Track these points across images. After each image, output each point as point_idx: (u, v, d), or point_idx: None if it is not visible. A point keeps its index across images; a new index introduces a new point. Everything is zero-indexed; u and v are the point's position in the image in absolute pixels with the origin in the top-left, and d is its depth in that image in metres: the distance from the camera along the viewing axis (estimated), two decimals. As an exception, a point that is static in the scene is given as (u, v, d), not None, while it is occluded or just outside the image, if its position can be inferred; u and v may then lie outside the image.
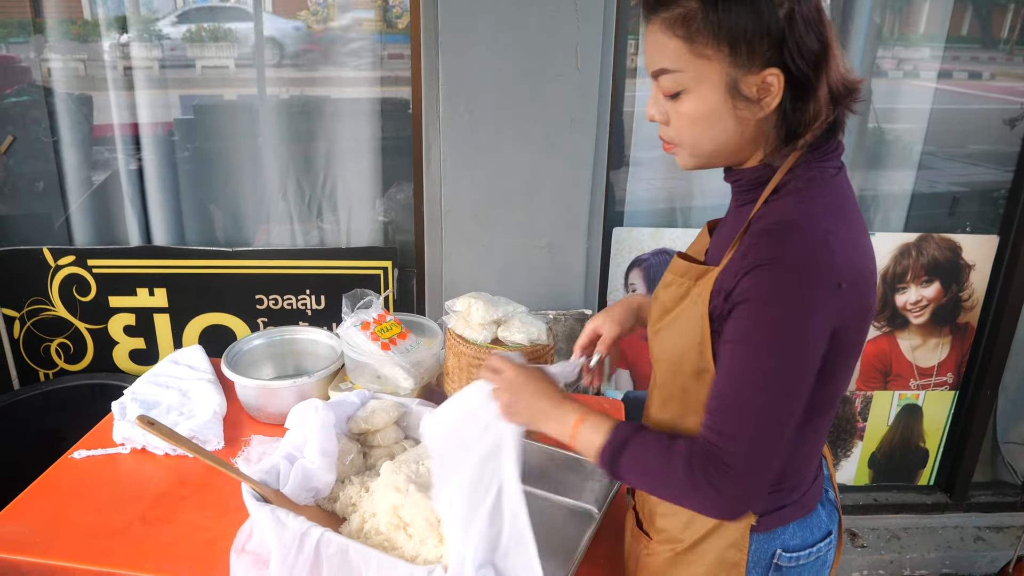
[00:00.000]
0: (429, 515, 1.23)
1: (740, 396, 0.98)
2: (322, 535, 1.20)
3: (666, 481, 1.04)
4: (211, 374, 1.85)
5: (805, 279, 0.95)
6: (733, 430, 0.98)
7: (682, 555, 1.20)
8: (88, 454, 1.61)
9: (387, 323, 1.72)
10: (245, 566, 1.28)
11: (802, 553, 1.17)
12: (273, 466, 1.37)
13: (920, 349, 2.70)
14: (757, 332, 0.96)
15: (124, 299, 2.29)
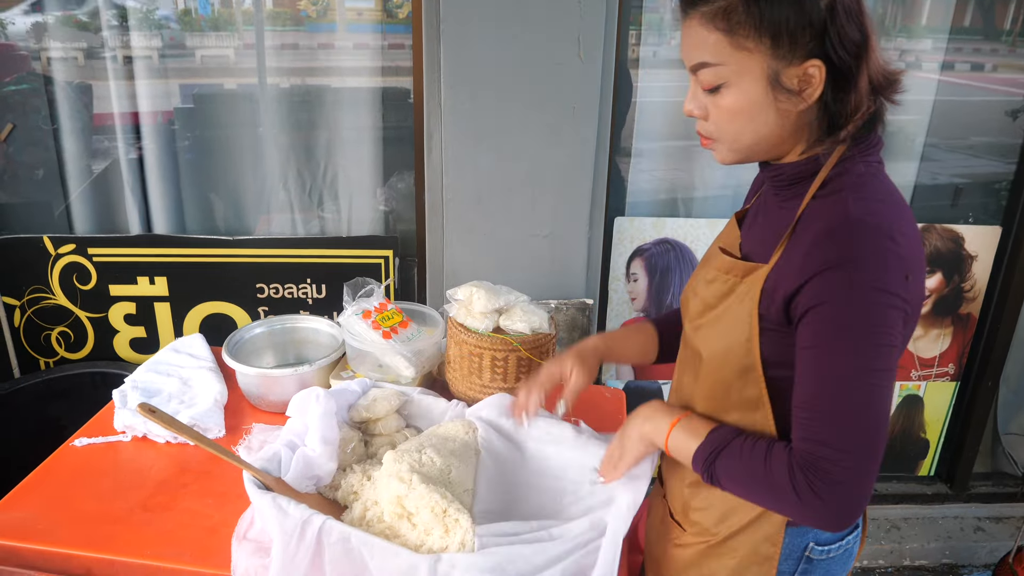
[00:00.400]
0: (435, 506, 1.23)
1: (834, 403, 0.96)
2: (324, 523, 1.20)
3: (768, 490, 1.02)
4: (212, 362, 1.85)
5: (879, 276, 0.93)
6: (833, 439, 0.96)
7: (715, 548, 1.20)
8: (89, 442, 1.61)
9: (388, 312, 1.71)
10: (246, 553, 1.28)
11: (833, 546, 1.18)
12: (274, 454, 1.37)
13: (922, 340, 2.70)
14: (840, 335, 0.95)
15: (125, 288, 2.29)
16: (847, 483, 0.95)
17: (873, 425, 0.96)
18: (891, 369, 0.97)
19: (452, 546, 1.20)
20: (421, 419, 1.61)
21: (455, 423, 1.51)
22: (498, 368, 1.58)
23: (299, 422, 1.44)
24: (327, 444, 1.38)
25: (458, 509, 1.22)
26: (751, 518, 1.16)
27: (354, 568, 1.19)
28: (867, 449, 0.96)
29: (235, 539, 1.30)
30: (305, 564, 1.22)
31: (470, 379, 1.61)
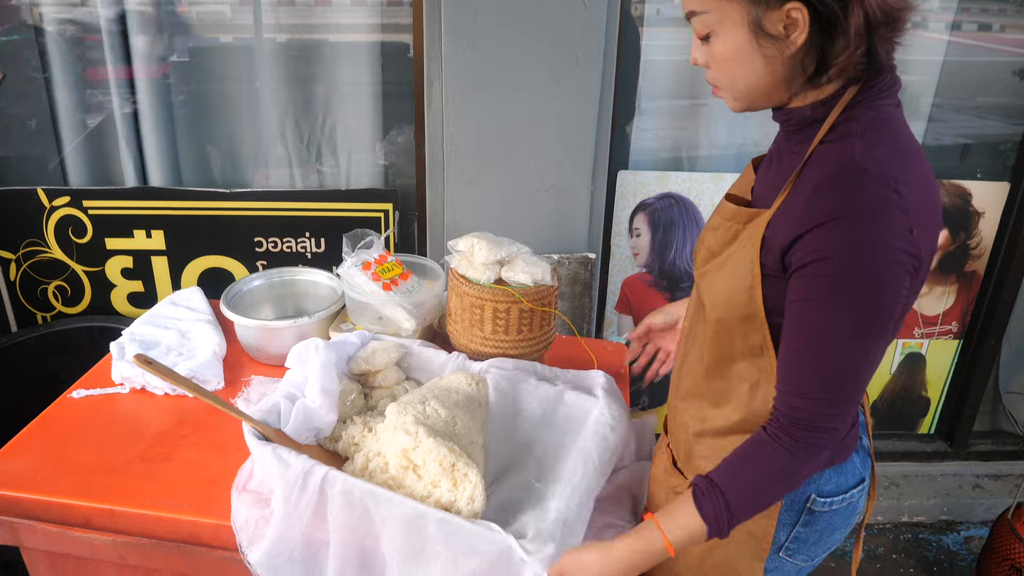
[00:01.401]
0: (443, 459, 1.21)
1: (823, 363, 0.96)
2: (326, 473, 1.19)
3: (780, 478, 1.03)
4: (210, 315, 1.83)
5: (881, 230, 0.91)
6: (815, 393, 0.97)
7: None
8: (87, 393, 1.59)
9: (388, 264, 1.68)
10: (246, 504, 1.27)
11: (835, 499, 1.17)
12: (274, 405, 1.35)
13: (926, 297, 2.68)
14: (837, 289, 0.93)
15: (121, 241, 2.26)
16: (839, 431, 1.00)
17: (860, 386, 0.99)
18: (886, 331, 0.96)
19: (461, 501, 1.18)
20: (421, 371, 1.59)
21: (458, 375, 1.49)
22: (500, 320, 1.56)
23: (298, 373, 1.42)
24: (327, 395, 1.36)
25: (467, 464, 1.21)
26: None
27: (358, 519, 1.18)
28: (850, 403, 0.99)
29: (235, 490, 1.29)
30: (307, 515, 1.21)
31: (471, 331, 1.59)
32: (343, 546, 1.20)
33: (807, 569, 1.26)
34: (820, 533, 1.20)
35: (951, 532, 2.76)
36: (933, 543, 2.70)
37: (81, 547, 1.34)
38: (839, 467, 1.17)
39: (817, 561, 1.26)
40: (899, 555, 2.63)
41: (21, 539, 1.37)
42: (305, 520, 1.21)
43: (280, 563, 1.22)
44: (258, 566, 1.22)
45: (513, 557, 1.12)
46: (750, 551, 1.19)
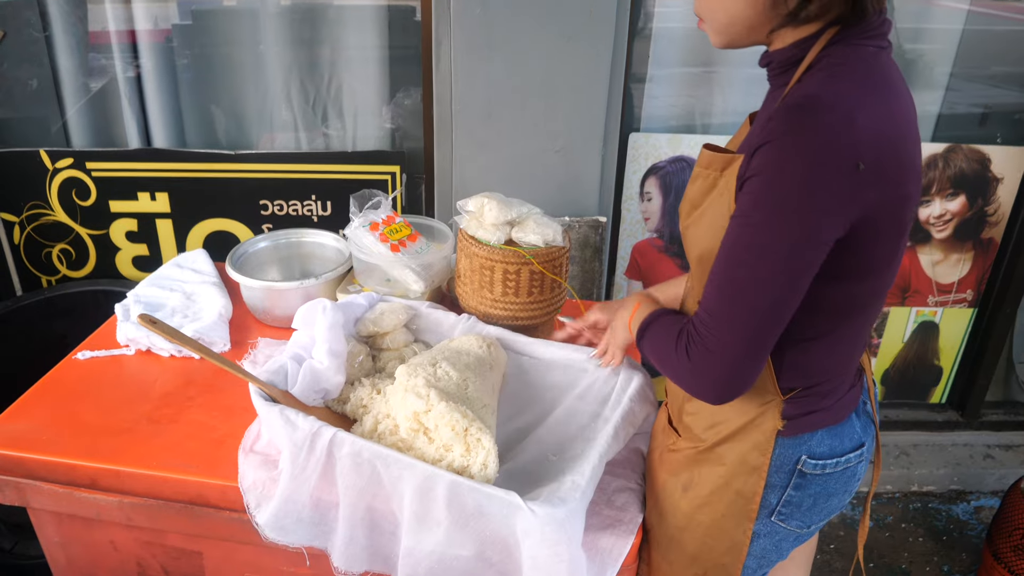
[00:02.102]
0: (455, 424, 1.18)
1: (729, 273, 0.96)
2: (335, 435, 1.17)
3: (665, 359, 1.07)
4: (216, 277, 1.81)
5: (817, 156, 0.89)
6: (717, 307, 0.97)
7: (704, 454, 1.18)
8: (92, 355, 1.58)
9: (396, 225, 1.65)
10: (254, 466, 1.25)
11: (829, 462, 1.14)
12: (281, 367, 1.33)
13: (941, 265, 2.64)
14: (758, 208, 0.92)
15: (125, 204, 2.23)
16: (717, 354, 0.97)
17: (762, 303, 0.94)
18: (801, 255, 0.92)
19: (474, 466, 1.16)
20: (430, 333, 1.57)
21: (468, 337, 1.47)
22: (510, 282, 1.53)
23: (304, 334, 1.40)
24: (335, 357, 1.34)
25: (480, 429, 1.18)
26: (739, 425, 1.13)
27: (367, 480, 1.17)
28: (744, 325, 0.95)
29: (241, 452, 1.27)
30: (315, 476, 1.19)
31: (481, 293, 1.56)
32: (352, 508, 1.18)
33: (804, 536, 1.23)
34: (814, 498, 1.16)
35: (961, 502, 2.75)
36: (943, 512, 2.69)
37: (87, 508, 1.33)
38: (833, 429, 1.14)
39: (814, 529, 1.22)
40: (908, 524, 2.62)
41: (28, 500, 1.36)
42: (313, 482, 1.19)
43: (288, 524, 1.21)
44: (266, 527, 1.21)
45: (521, 516, 1.09)
46: (739, 511, 1.16)
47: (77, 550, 1.44)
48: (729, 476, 1.15)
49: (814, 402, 1.11)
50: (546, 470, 1.29)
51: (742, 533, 1.17)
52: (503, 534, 1.12)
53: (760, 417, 1.11)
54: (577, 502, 1.12)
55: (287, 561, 1.32)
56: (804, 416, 1.11)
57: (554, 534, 1.08)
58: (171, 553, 1.39)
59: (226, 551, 1.36)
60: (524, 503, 1.08)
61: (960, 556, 2.48)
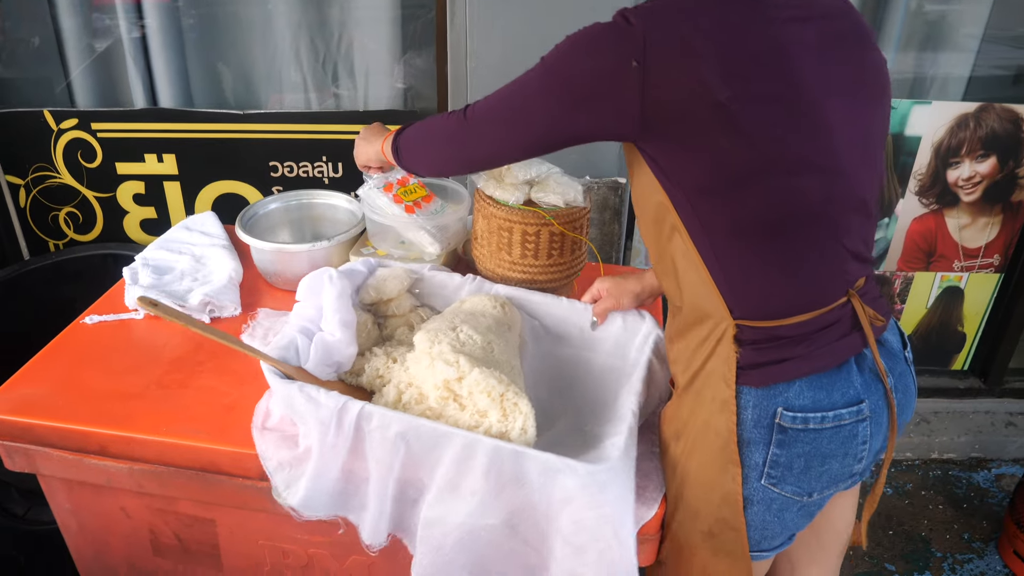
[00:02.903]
0: (491, 390, 1.15)
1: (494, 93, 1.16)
2: (362, 409, 1.13)
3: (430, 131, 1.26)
4: (225, 240, 1.76)
5: (577, 38, 1.03)
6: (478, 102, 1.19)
7: (683, 397, 1.16)
8: (100, 319, 1.54)
9: (411, 186, 1.60)
10: (273, 445, 1.20)
11: (812, 415, 1.06)
12: (290, 341, 1.27)
13: (968, 229, 2.56)
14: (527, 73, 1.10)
15: (132, 166, 2.18)
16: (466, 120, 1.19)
17: (448, 130, 1.22)
18: (542, 97, 1.07)
19: (513, 431, 1.13)
20: (435, 297, 1.51)
21: (480, 298, 1.42)
22: (529, 244, 1.48)
23: (310, 306, 1.34)
24: (346, 328, 1.29)
25: (516, 393, 1.15)
26: (704, 356, 1.10)
27: (398, 452, 1.12)
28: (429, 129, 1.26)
29: (255, 431, 1.23)
30: (344, 452, 1.15)
31: (499, 255, 1.51)
32: (382, 482, 1.14)
33: (811, 507, 1.15)
34: (806, 459, 1.08)
35: (982, 469, 2.70)
36: (963, 480, 2.65)
37: (98, 475, 1.30)
38: (816, 380, 1.06)
39: (817, 497, 1.13)
40: (928, 492, 2.58)
41: (37, 466, 1.33)
42: (343, 457, 1.15)
43: (321, 500, 1.18)
44: (300, 508, 1.17)
45: (563, 481, 1.06)
46: (719, 453, 1.10)
47: (88, 517, 1.42)
48: (706, 415, 1.11)
49: (785, 348, 1.06)
50: (582, 440, 1.26)
51: (731, 481, 1.10)
52: (536, 502, 1.09)
53: (719, 345, 1.08)
54: (620, 460, 1.08)
55: (302, 529, 1.29)
56: (775, 364, 1.06)
57: (599, 495, 1.05)
58: (184, 520, 1.37)
59: (240, 519, 1.34)
60: (570, 462, 1.05)
61: (980, 524, 2.44)
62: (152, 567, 1.46)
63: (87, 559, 1.49)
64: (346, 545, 1.28)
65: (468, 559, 1.15)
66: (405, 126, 1.32)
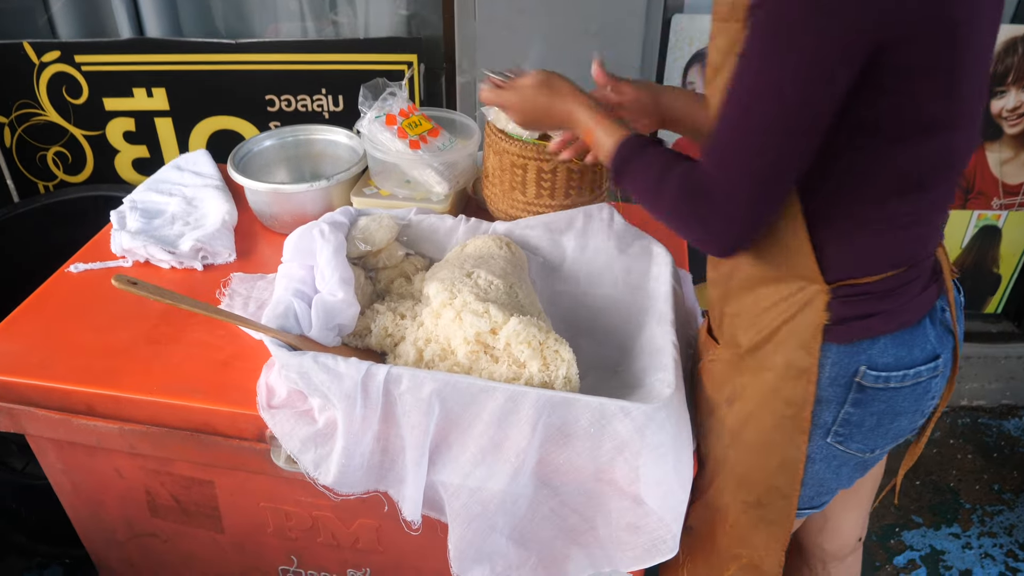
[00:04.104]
0: (531, 339, 1.06)
1: (732, 113, 0.87)
2: (388, 372, 1.03)
3: (658, 197, 0.96)
4: (219, 180, 1.64)
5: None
6: (718, 151, 0.89)
7: (746, 360, 1.04)
8: (86, 268, 1.44)
9: (415, 118, 1.46)
10: (290, 423, 1.10)
11: (895, 374, 0.97)
12: (287, 308, 1.15)
13: (1010, 164, 2.40)
14: (762, 41, 0.82)
15: (120, 101, 2.04)
16: (718, 201, 0.89)
17: (767, 144, 0.85)
18: (811, 91, 0.82)
19: (557, 382, 1.05)
20: (425, 243, 1.39)
21: (482, 240, 1.30)
22: (544, 182, 1.35)
23: (298, 266, 1.23)
24: (347, 286, 1.17)
25: (557, 339, 1.07)
26: (781, 321, 0.98)
27: (433, 414, 1.03)
28: (746, 169, 0.87)
29: (263, 411, 1.12)
30: (375, 424, 1.06)
31: (512, 195, 1.39)
32: (419, 449, 1.05)
33: (869, 462, 1.08)
34: (878, 417, 1.01)
35: (1013, 417, 2.61)
36: (993, 428, 2.55)
37: (87, 435, 1.22)
38: (900, 336, 0.97)
39: (879, 453, 1.07)
40: (957, 440, 2.49)
41: (24, 426, 1.25)
42: (375, 429, 1.06)
43: (355, 479, 1.09)
44: (334, 487, 1.09)
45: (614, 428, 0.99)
46: (789, 422, 1.02)
47: (81, 476, 1.34)
48: (776, 382, 1.00)
49: (872, 303, 0.95)
50: (620, 383, 1.17)
51: (795, 449, 1.02)
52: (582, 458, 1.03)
53: (803, 311, 0.96)
54: (673, 396, 1.02)
55: (304, 492, 1.20)
56: (861, 319, 0.95)
57: (657, 435, 0.98)
58: (181, 482, 1.29)
59: (238, 480, 1.25)
60: (625, 404, 0.98)
61: (1011, 474, 2.36)
62: (151, 528, 1.39)
63: (84, 519, 1.43)
64: (352, 508, 1.20)
65: (507, 522, 1.09)
66: (628, 147, 1.03)
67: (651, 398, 1.04)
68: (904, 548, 2.09)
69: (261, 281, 1.39)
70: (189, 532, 1.37)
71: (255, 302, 1.33)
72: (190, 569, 1.45)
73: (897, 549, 2.08)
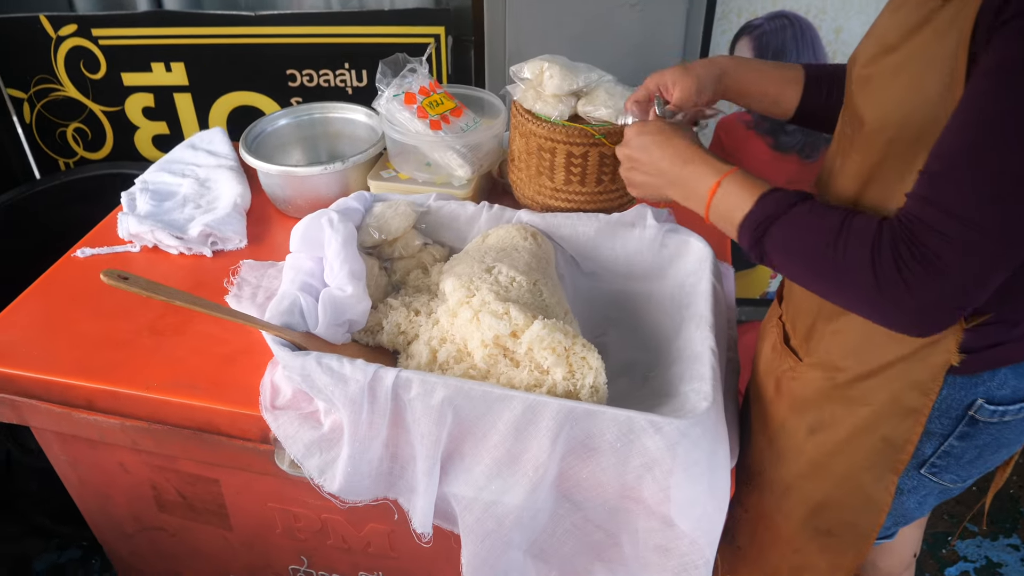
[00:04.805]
0: (556, 345, 0.97)
1: (986, 151, 0.65)
2: (397, 377, 0.95)
3: (833, 267, 0.74)
4: (234, 160, 1.57)
5: None
6: (959, 201, 0.66)
7: (841, 388, 0.91)
8: (92, 253, 1.38)
9: (437, 96, 1.37)
10: (292, 425, 1.03)
11: (1011, 408, 0.86)
12: (293, 303, 1.07)
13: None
14: None
15: (138, 76, 1.98)
16: (947, 267, 0.67)
17: (1010, 224, 0.66)
18: None
19: (583, 391, 0.96)
20: (445, 230, 1.30)
21: (506, 230, 1.21)
22: (575, 167, 1.25)
23: (307, 258, 1.15)
24: (357, 279, 1.09)
25: (584, 345, 0.98)
26: (898, 356, 0.85)
27: (445, 422, 0.95)
28: (998, 231, 0.66)
29: (265, 412, 1.05)
30: (383, 430, 0.98)
31: (539, 180, 1.29)
32: (430, 460, 0.97)
33: (953, 492, 0.99)
34: (980, 450, 0.91)
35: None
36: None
37: (89, 429, 1.16)
38: (1020, 367, 0.86)
39: (967, 484, 0.97)
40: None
41: (26, 418, 1.20)
42: (383, 436, 0.99)
43: (363, 486, 1.02)
44: (341, 494, 1.02)
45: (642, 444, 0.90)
46: (882, 462, 0.92)
47: (86, 469, 1.30)
48: (875, 419, 0.89)
49: (1002, 331, 0.83)
50: (651, 391, 1.08)
51: (883, 489, 0.93)
52: (607, 474, 0.94)
53: (929, 348, 0.83)
54: (710, 411, 0.92)
55: (313, 494, 1.12)
56: (987, 349, 0.83)
57: (690, 454, 0.89)
58: (186, 479, 1.23)
59: (244, 480, 1.19)
60: (654, 418, 0.89)
61: (1074, 474, 2.21)
62: (158, 523, 1.34)
63: (92, 510, 1.39)
64: (362, 512, 1.13)
65: (525, 537, 1.01)
66: (768, 213, 0.82)
67: (685, 411, 0.95)
68: (957, 559, 1.96)
69: (272, 269, 1.31)
70: (197, 528, 1.32)
71: (264, 292, 1.26)
72: (200, 564, 1.40)
73: (950, 559, 1.95)
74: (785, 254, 0.80)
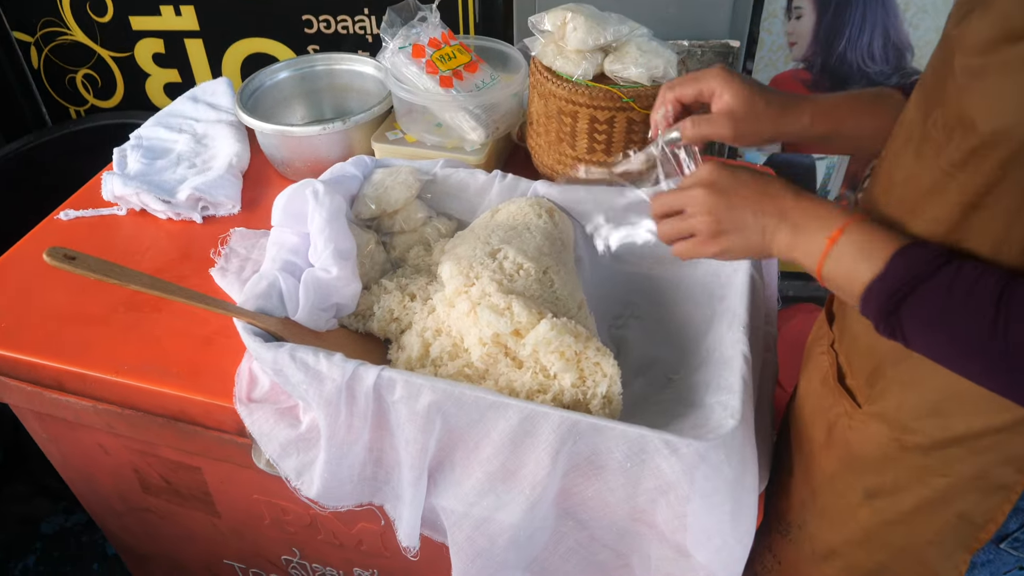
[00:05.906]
0: (565, 349, 0.85)
1: None
2: (379, 376, 0.82)
3: (996, 357, 0.57)
4: (235, 115, 1.45)
5: None
6: None
7: (913, 453, 0.74)
8: (77, 215, 1.28)
9: (449, 48, 1.22)
10: (267, 421, 0.92)
11: None
12: (270, 286, 0.95)
13: None
14: None
15: (147, 20, 1.86)
16: None
17: None
18: None
19: (594, 401, 0.84)
20: (453, 201, 1.15)
21: (518, 204, 1.06)
22: (599, 134, 1.10)
23: (291, 233, 1.02)
24: (344, 259, 0.96)
25: (598, 350, 0.86)
26: (992, 425, 0.67)
27: (433, 429, 0.83)
28: None
29: (239, 404, 0.93)
30: (364, 433, 0.87)
31: (559, 147, 1.14)
32: (417, 470, 0.86)
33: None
34: None
35: None
36: None
37: (64, 410, 1.08)
38: None
39: None
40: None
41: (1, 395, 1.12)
42: (364, 439, 0.88)
43: (343, 492, 0.92)
44: (320, 499, 0.92)
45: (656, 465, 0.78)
46: (956, 538, 0.77)
47: (68, 448, 1.22)
48: (953, 493, 0.73)
49: None
50: (673, 395, 0.95)
51: (952, 567, 0.78)
52: (615, 495, 0.83)
53: None
54: (736, 431, 0.79)
55: (298, 492, 1.04)
56: None
57: (710, 480, 0.77)
58: (168, 465, 1.15)
59: (227, 471, 1.10)
60: (670, 438, 0.76)
61: None
62: (145, 504, 1.27)
63: (78, 487, 1.32)
64: (351, 511, 1.03)
65: (522, 556, 0.90)
66: (920, 260, 0.62)
67: (708, 428, 0.81)
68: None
69: (264, 239, 1.20)
70: (185, 512, 1.24)
71: (253, 265, 1.15)
72: (192, 547, 1.34)
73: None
74: (926, 339, 0.62)
